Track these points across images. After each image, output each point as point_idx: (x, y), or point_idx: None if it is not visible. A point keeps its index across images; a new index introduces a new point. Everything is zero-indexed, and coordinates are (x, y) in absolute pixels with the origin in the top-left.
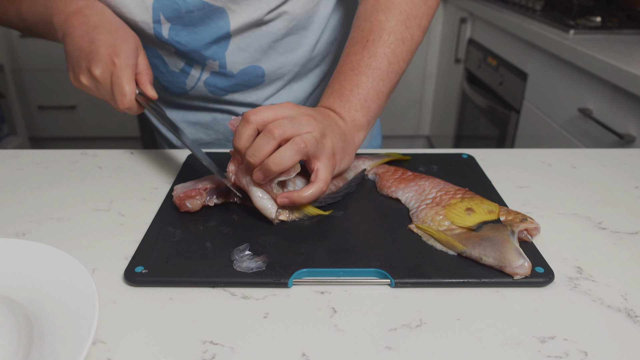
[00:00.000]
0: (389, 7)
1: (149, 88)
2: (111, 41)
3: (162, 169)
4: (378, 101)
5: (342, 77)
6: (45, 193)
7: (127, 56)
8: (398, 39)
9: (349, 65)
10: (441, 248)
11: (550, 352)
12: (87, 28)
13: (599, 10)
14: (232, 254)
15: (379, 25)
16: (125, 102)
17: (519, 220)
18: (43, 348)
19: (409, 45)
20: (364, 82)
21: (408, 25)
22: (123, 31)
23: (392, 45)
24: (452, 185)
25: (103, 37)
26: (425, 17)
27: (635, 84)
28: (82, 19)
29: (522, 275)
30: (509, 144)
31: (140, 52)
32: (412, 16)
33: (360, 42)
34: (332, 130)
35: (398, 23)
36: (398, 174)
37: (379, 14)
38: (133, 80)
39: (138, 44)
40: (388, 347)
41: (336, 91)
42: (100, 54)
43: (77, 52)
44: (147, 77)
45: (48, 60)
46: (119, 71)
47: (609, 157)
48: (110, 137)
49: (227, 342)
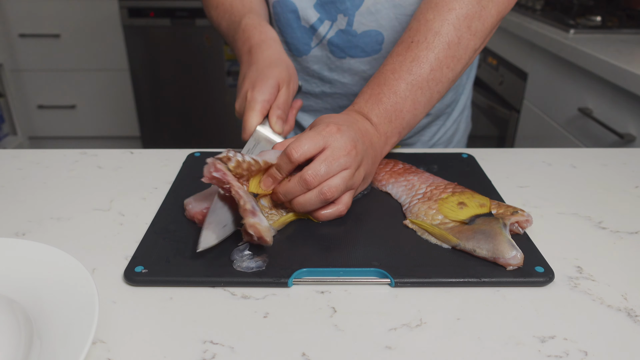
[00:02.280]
0: (438, 5)
1: (274, 121)
2: (254, 77)
3: (162, 169)
4: (414, 111)
5: (383, 80)
6: (45, 193)
7: (262, 92)
8: (444, 42)
9: (390, 67)
10: (435, 242)
11: (550, 351)
12: (247, 66)
13: (599, 10)
14: (232, 253)
15: (426, 24)
16: (244, 134)
17: (510, 213)
18: (43, 348)
19: (454, 50)
20: (402, 90)
21: (457, 26)
22: (270, 68)
23: (435, 49)
24: (442, 179)
25: (251, 74)
26: (478, 18)
27: (635, 84)
28: (248, 57)
29: (515, 266)
30: (509, 144)
31: (283, 86)
32: (462, 16)
33: (405, 42)
34: (368, 153)
35: (445, 24)
36: (389, 166)
37: (427, 12)
38: (260, 116)
39: (282, 80)
40: (388, 347)
41: (375, 95)
42: (242, 90)
43: (237, 88)
44: (276, 112)
45: (48, 60)
46: (248, 106)
47: (609, 157)
48: (110, 137)
49: (227, 341)
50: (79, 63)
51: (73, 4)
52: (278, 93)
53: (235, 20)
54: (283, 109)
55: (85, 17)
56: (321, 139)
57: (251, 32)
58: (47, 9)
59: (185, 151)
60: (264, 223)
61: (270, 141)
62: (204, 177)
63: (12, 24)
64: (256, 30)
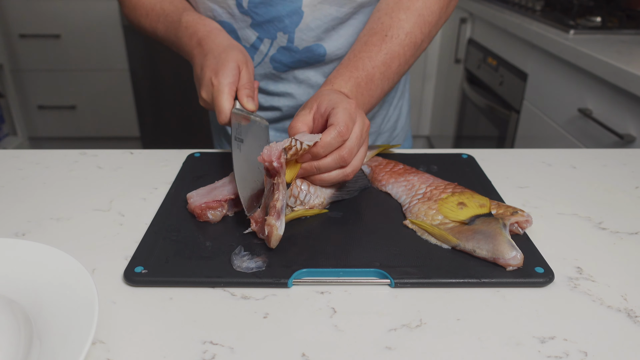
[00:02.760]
0: (409, 8)
1: (245, 101)
2: (214, 65)
3: (162, 169)
4: (378, 97)
5: (360, 65)
6: (45, 193)
7: (226, 75)
8: (412, 42)
9: (367, 54)
10: (435, 242)
11: (550, 352)
12: (201, 57)
13: (599, 10)
14: (232, 254)
15: (399, 23)
16: (222, 118)
17: (509, 214)
18: (43, 348)
19: (418, 51)
20: (377, 79)
21: (422, 30)
22: (226, 52)
23: (405, 47)
24: (441, 180)
25: (209, 62)
26: (436, 25)
27: (635, 84)
28: (200, 50)
29: (515, 266)
30: (508, 144)
31: (243, 68)
32: (427, 22)
33: (379, 34)
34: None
35: (415, 26)
36: (389, 167)
37: (400, 12)
38: (230, 98)
39: (240, 62)
40: (388, 347)
41: (353, 78)
42: (205, 78)
43: (195, 80)
44: (244, 92)
45: (48, 60)
46: (216, 91)
47: (609, 157)
48: (110, 137)
49: (227, 342)
50: (79, 63)
51: (73, 4)
52: (240, 75)
53: (174, 20)
54: (249, 87)
55: (85, 17)
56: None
57: (196, 27)
58: (47, 9)
59: (185, 151)
60: (280, 230)
61: (248, 118)
62: (261, 156)
63: (12, 24)
64: (200, 24)
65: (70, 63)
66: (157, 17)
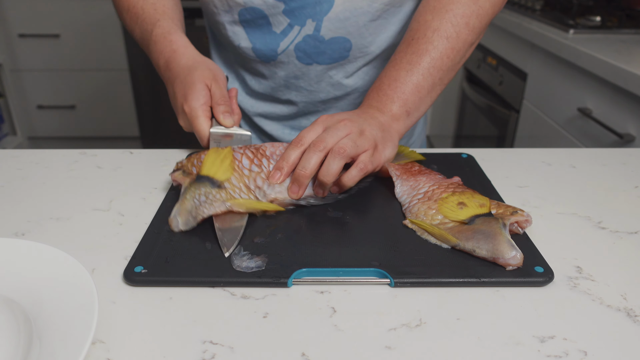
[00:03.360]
0: (436, 7)
1: (222, 118)
2: (183, 90)
3: (162, 169)
4: (418, 94)
5: (384, 74)
6: (44, 193)
7: (195, 98)
8: (442, 36)
9: (392, 63)
10: (435, 242)
11: (550, 351)
12: (171, 83)
13: (598, 10)
14: (232, 253)
15: (425, 24)
16: (204, 142)
17: (509, 213)
18: (42, 348)
19: (454, 43)
20: (402, 77)
21: (454, 23)
22: (191, 74)
23: (435, 42)
24: (445, 178)
25: (178, 89)
26: (475, 16)
27: (635, 84)
28: (168, 74)
29: (515, 266)
30: (508, 144)
31: (212, 84)
32: (459, 15)
33: (406, 41)
34: (370, 124)
35: (443, 22)
36: (408, 165)
37: (426, 14)
38: (206, 121)
39: (207, 79)
40: (388, 347)
41: (376, 88)
42: (177, 106)
43: (172, 107)
44: (220, 109)
45: (47, 60)
46: (190, 117)
47: (608, 157)
48: (109, 137)
49: (227, 342)
50: (79, 63)
51: (73, 4)
52: (211, 92)
53: (147, 29)
54: (223, 103)
55: (85, 17)
56: (317, 125)
57: (162, 44)
58: (47, 9)
59: (185, 151)
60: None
61: (229, 135)
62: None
63: (12, 24)
64: (166, 41)
65: (70, 63)
66: (136, 18)
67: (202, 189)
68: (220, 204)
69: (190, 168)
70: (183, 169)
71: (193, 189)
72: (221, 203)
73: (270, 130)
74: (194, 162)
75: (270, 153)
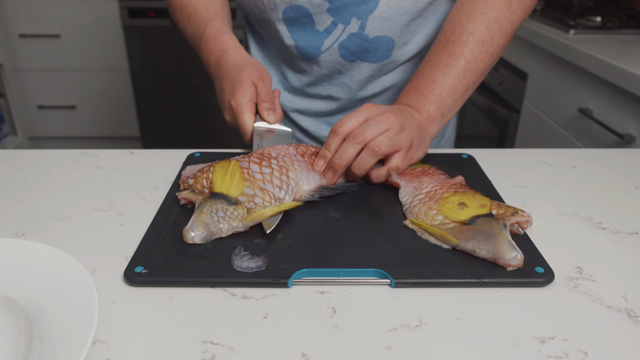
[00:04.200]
0: (471, 11)
1: (266, 114)
2: (231, 86)
3: (162, 169)
4: (453, 96)
5: (420, 74)
6: (45, 193)
7: (243, 95)
8: (477, 39)
9: (428, 64)
10: (435, 242)
11: (550, 352)
12: (219, 81)
13: (599, 10)
14: (232, 254)
15: (460, 27)
16: (247, 137)
17: (510, 214)
18: (43, 348)
19: (488, 47)
20: (439, 79)
21: (488, 27)
22: (240, 72)
23: (470, 46)
24: (448, 178)
25: (226, 85)
26: (508, 21)
27: (635, 84)
28: (218, 72)
29: (515, 266)
30: (509, 144)
31: (259, 82)
32: (494, 19)
33: (441, 43)
34: (410, 122)
35: (478, 25)
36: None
37: (461, 17)
38: (250, 116)
39: (255, 78)
40: (388, 347)
41: (413, 87)
42: (225, 102)
43: (219, 103)
44: (264, 105)
45: (48, 60)
46: (236, 112)
47: (609, 157)
48: (110, 137)
49: (227, 342)
50: (79, 63)
51: (73, 4)
52: (257, 90)
53: (200, 28)
54: (268, 100)
55: (85, 17)
56: (360, 114)
57: (214, 43)
58: (47, 9)
59: (185, 151)
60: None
61: (271, 131)
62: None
63: (12, 24)
64: (218, 40)
65: (70, 63)
66: (188, 17)
67: (219, 205)
68: (238, 223)
69: (201, 187)
70: (192, 188)
71: (210, 204)
72: (239, 223)
73: (307, 126)
74: (203, 181)
75: (276, 154)
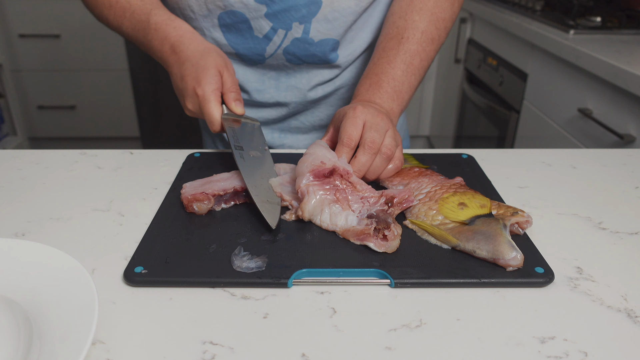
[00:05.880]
0: (422, 9)
1: (233, 105)
2: (195, 73)
3: (162, 169)
4: (409, 92)
5: (380, 70)
6: (44, 193)
7: (209, 83)
8: (428, 38)
9: (385, 59)
10: (435, 242)
11: (550, 352)
12: (179, 66)
13: (599, 10)
14: (232, 254)
15: (413, 24)
16: (215, 127)
17: (510, 214)
18: (42, 348)
19: (436, 45)
20: (399, 76)
21: (437, 26)
22: (204, 59)
23: (423, 44)
24: (447, 179)
25: (188, 71)
26: (450, 20)
27: (635, 84)
28: (175, 57)
29: (515, 267)
30: (508, 144)
31: (224, 71)
32: (441, 19)
33: (395, 38)
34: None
35: (429, 24)
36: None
37: (413, 14)
38: (218, 106)
39: (220, 66)
40: (388, 347)
41: (374, 83)
42: (188, 89)
43: (176, 90)
44: (231, 95)
45: (47, 60)
46: (202, 100)
47: (609, 157)
48: (110, 137)
49: (227, 342)
50: (79, 63)
51: (73, 4)
52: (222, 79)
53: (142, 19)
54: (235, 90)
55: (85, 17)
56: (358, 119)
57: (166, 30)
58: (47, 9)
59: (185, 151)
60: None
61: (238, 121)
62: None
63: (12, 24)
64: (170, 27)
65: (70, 63)
66: (123, 12)
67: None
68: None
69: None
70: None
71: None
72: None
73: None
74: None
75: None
